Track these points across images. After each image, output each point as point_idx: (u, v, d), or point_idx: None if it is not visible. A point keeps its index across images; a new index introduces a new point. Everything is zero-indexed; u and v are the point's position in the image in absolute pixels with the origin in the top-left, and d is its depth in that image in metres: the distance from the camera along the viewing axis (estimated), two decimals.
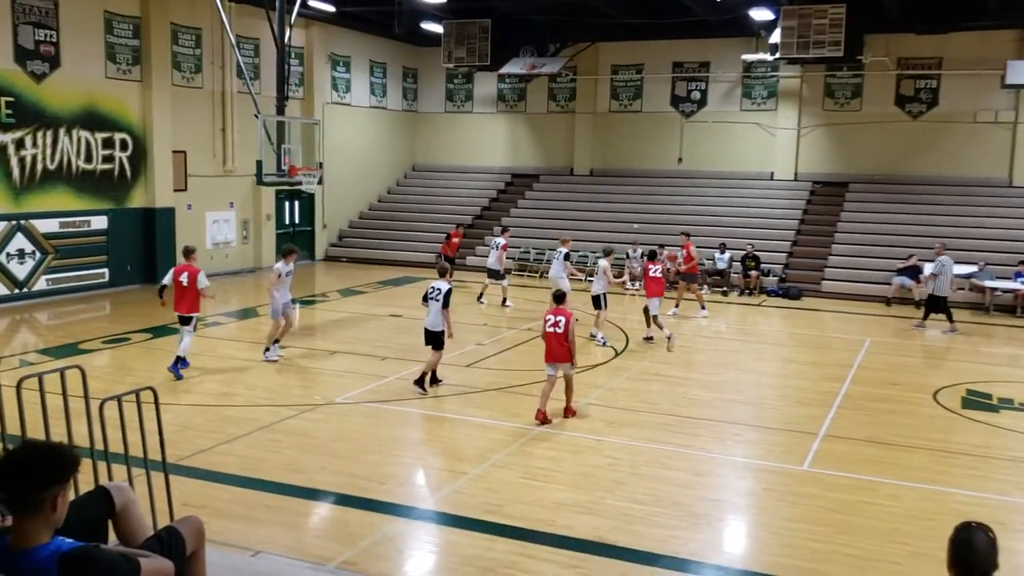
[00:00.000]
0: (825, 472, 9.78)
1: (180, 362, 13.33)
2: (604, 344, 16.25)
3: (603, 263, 16.69)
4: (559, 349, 11.31)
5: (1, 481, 3.45)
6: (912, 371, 15.51)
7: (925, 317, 19.38)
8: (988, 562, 3.53)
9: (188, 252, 13.87)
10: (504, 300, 20.34)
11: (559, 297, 11.71)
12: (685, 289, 20.18)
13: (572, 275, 18.69)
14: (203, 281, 13.42)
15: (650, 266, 17.24)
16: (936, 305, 19.08)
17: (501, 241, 20.94)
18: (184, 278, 13.35)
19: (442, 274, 13.05)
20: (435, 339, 12.72)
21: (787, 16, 22.87)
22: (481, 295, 20.87)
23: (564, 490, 8.95)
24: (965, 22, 24.42)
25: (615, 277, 17.42)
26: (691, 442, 10.77)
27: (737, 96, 28.54)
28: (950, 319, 18.95)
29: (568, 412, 11.60)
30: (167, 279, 13.66)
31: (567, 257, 18.56)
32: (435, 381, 12.99)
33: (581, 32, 28.51)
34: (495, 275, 20.66)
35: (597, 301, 16.69)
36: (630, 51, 29.37)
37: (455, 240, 23.67)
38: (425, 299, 12.80)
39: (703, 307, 20.13)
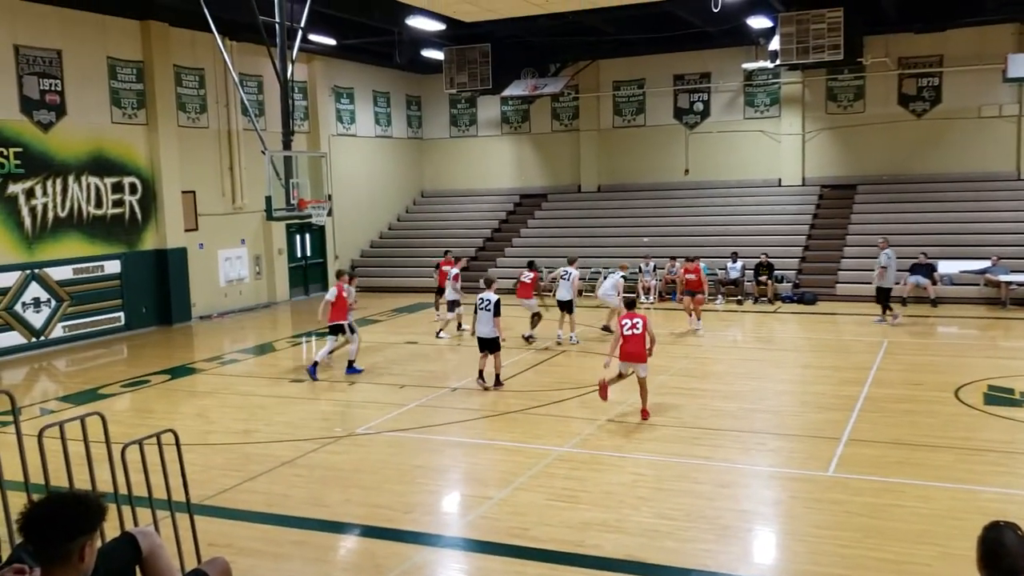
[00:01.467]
0: (850, 476, 9.71)
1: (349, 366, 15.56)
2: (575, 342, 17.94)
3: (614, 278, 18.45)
4: (638, 349, 12.07)
5: (28, 532, 3.45)
6: (932, 370, 15.41)
7: (885, 311, 19.83)
8: (1019, 560, 3.50)
9: (340, 274, 16.58)
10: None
11: (631, 303, 13.07)
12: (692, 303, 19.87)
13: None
14: (351, 296, 15.86)
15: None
16: (883, 296, 19.73)
17: (574, 272, 19.32)
18: (342, 293, 15.53)
19: (489, 285, 14.85)
20: (492, 344, 14.34)
21: (785, 23, 22.91)
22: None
23: (590, 509, 8.92)
24: (963, 18, 24.42)
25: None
26: (714, 453, 10.72)
27: (740, 105, 28.57)
28: (886, 311, 19.74)
29: (645, 414, 12.15)
30: (331, 295, 15.70)
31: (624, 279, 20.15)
32: (499, 383, 14.40)
33: (581, 51, 28.65)
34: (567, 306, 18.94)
35: (569, 306, 18.31)
36: (630, 67, 29.47)
37: (445, 269, 20.69)
38: (475, 309, 14.55)
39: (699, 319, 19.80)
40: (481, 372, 14.52)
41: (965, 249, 23.27)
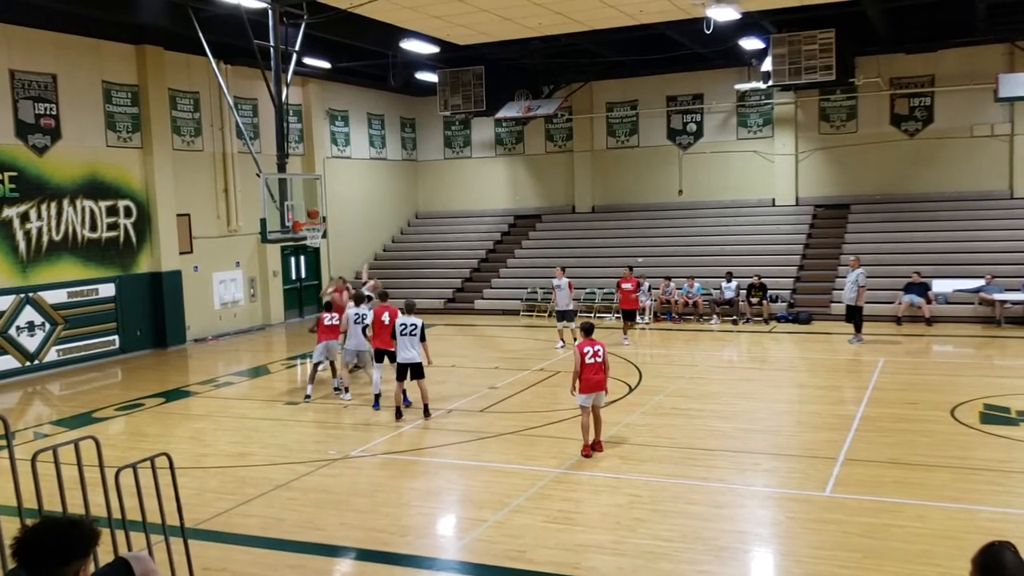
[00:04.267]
0: (848, 496, 9.69)
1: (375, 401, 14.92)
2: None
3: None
4: (600, 377, 11.71)
5: (22, 558, 3.43)
6: (928, 389, 15.41)
7: (858, 330, 19.90)
8: None
9: (384, 296, 16.19)
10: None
11: (590, 329, 12.10)
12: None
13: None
14: (385, 319, 14.92)
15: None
16: (856, 315, 19.83)
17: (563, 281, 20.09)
18: (386, 317, 14.83)
19: (410, 310, 14.12)
20: (418, 370, 13.90)
21: (777, 44, 23.07)
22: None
23: (586, 531, 8.88)
24: (954, 38, 24.62)
25: None
26: (710, 474, 10.69)
27: (733, 125, 28.71)
28: (859, 329, 19.85)
29: (599, 446, 11.83)
30: (369, 318, 15.29)
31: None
32: (428, 413, 13.96)
33: (574, 73, 28.81)
34: (567, 316, 20.05)
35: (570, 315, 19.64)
36: (623, 88, 29.63)
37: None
38: (393, 335, 13.97)
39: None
40: (399, 407, 13.94)
41: (959, 268, 23.33)
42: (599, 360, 11.57)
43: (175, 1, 19.30)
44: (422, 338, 13.84)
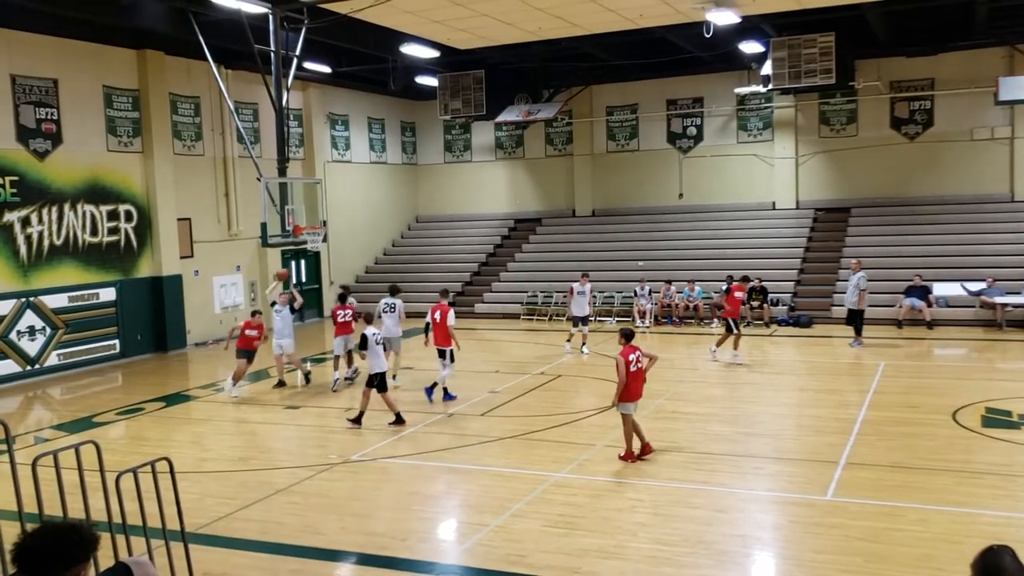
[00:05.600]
0: (849, 500, 9.68)
1: (445, 393, 15.36)
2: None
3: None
4: (641, 385, 11.61)
5: (22, 563, 3.42)
6: (929, 392, 15.39)
7: (858, 333, 19.95)
8: None
9: (444, 293, 16.76)
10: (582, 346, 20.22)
11: (630, 335, 11.82)
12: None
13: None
14: (451, 319, 15.32)
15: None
16: (857, 318, 19.90)
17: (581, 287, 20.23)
18: (438, 315, 15.29)
19: (370, 320, 14.58)
20: (383, 380, 13.89)
21: (777, 47, 23.10)
22: (582, 344, 20.22)
23: (587, 536, 8.87)
24: (954, 42, 24.66)
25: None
26: (712, 478, 10.68)
27: (733, 129, 28.72)
28: (859, 332, 19.91)
29: (648, 448, 11.63)
30: (427, 317, 15.70)
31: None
32: (401, 420, 13.81)
33: (574, 77, 28.83)
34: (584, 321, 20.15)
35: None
36: (623, 92, 29.64)
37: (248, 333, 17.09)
38: (363, 346, 13.82)
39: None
40: (362, 414, 13.79)
41: (960, 271, 23.32)
42: (641, 367, 11.44)
43: (176, 6, 19.32)
44: (386, 347, 14.27)
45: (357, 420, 13.75)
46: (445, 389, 15.54)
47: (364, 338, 13.78)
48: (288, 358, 17.52)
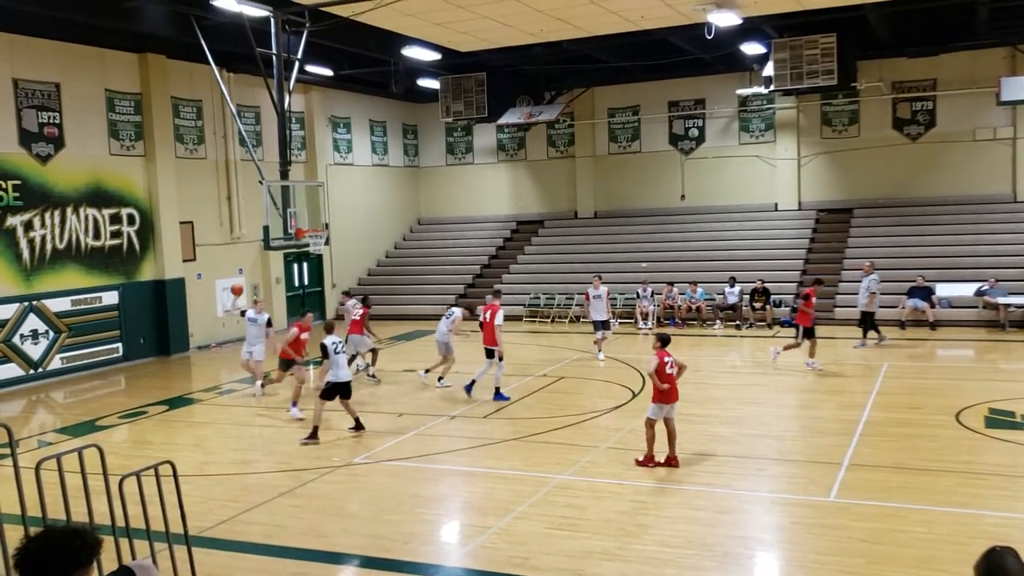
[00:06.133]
0: (852, 502, 9.67)
1: (497, 392, 15.47)
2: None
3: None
4: (675, 388, 11.36)
5: (24, 568, 3.43)
6: (932, 393, 15.37)
7: (865, 335, 20.01)
8: None
9: (497, 293, 17.11)
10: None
11: (667, 340, 11.78)
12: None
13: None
14: (499, 319, 15.52)
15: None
16: (868, 320, 19.92)
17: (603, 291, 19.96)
18: (488, 315, 15.56)
19: (331, 330, 13.72)
20: (348, 389, 13.53)
21: (778, 48, 23.09)
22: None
23: (590, 538, 8.86)
24: (956, 42, 24.64)
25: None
26: (715, 480, 10.67)
27: (735, 130, 28.71)
28: (866, 334, 19.93)
29: (675, 461, 11.22)
30: (480, 316, 15.99)
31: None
32: (360, 426, 13.53)
33: (575, 79, 28.84)
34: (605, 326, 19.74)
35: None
36: (625, 93, 29.64)
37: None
38: (325, 356, 13.31)
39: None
40: (316, 429, 13.18)
41: (962, 272, 23.30)
42: (674, 372, 11.28)
43: (178, 10, 19.35)
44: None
45: (313, 435, 13.11)
46: (497, 389, 15.57)
47: (324, 347, 13.28)
48: (253, 365, 17.16)
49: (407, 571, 8.35)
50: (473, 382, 15.87)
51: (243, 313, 17.81)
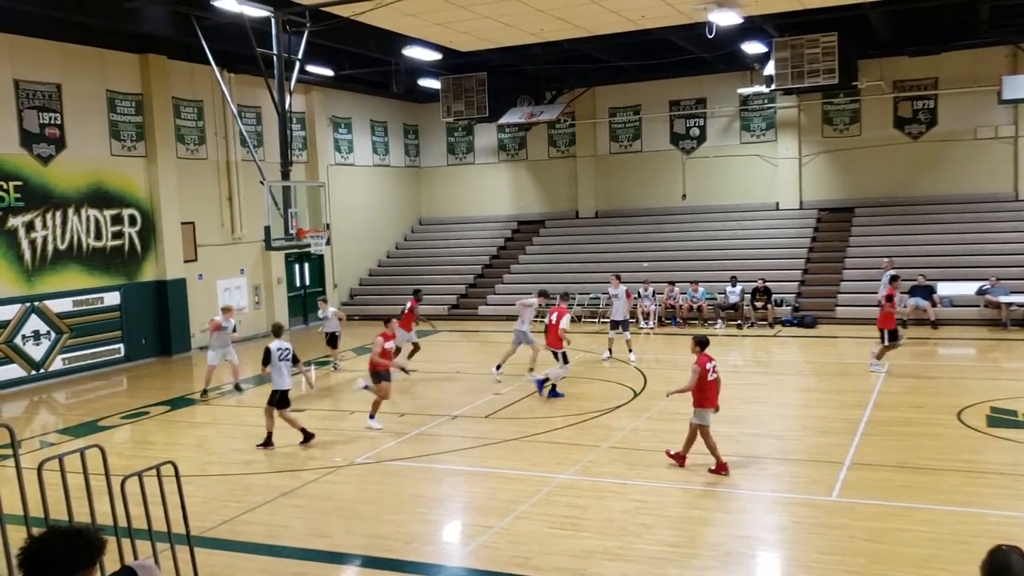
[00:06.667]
0: (855, 501, 9.66)
1: (552, 390, 15.47)
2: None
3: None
4: (716, 395, 11.03)
5: (28, 568, 3.43)
6: (934, 392, 15.36)
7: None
8: None
9: (564, 296, 17.54)
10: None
11: (705, 342, 11.29)
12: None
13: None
14: (564, 323, 15.72)
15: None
16: None
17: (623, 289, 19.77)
18: (554, 317, 15.77)
19: (279, 333, 13.61)
20: (286, 399, 13.07)
21: (779, 48, 23.08)
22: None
23: (592, 537, 8.86)
24: (957, 41, 24.62)
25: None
26: (717, 479, 10.66)
27: (736, 130, 28.70)
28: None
29: (724, 468, 10.79)
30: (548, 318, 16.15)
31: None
32: (310, 435, 13.07)
33: (576, 78, 28.83)
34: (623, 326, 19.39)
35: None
36: (626, 93, 29.64)
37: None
38: (267, 362, 13.05)
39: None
40: (271, 434, 12.88)
41: (964, 270, 23.29)
42: (718, 375, 10.96)
43: (178, 10, 19.35)
44: (295, 362, 13.24)
45: (267, 443, 12.83)
46: (554, 386, 15.56)
47: (268, 352, 13.07)
48: (211, 370, 17.19)
49: (409, 571, 8.34)
50: (547, 379, 15.69)
51: (235, 330, 17.84)
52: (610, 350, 19.43)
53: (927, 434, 12.38)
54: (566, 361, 15.87)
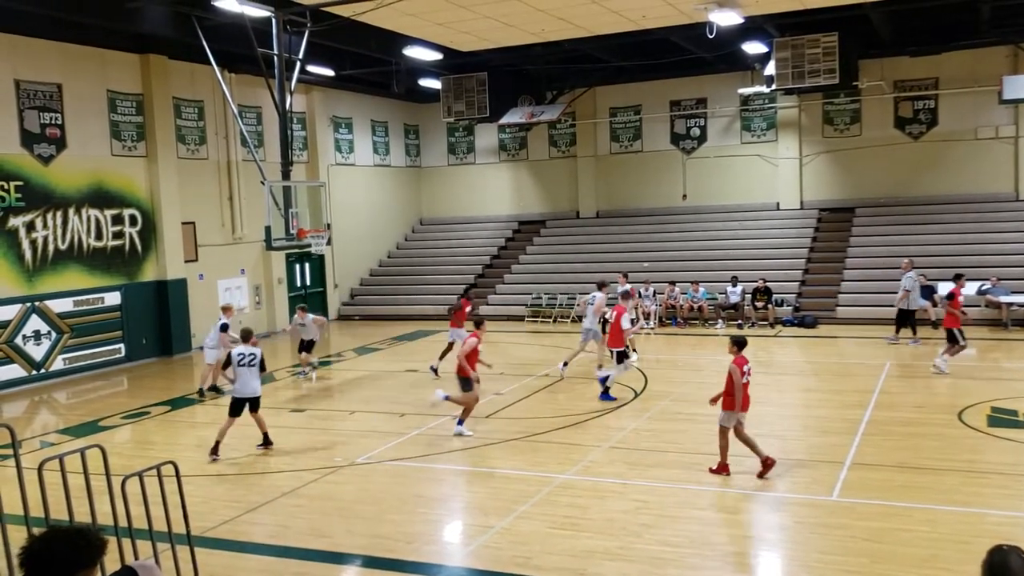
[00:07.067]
0: (855, 501, 9.66)
1: (605, 392, 15.05)
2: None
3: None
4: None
5: (29, 567, 3.43)
6: (935, 392, 15.36)
7: (915, 332, 20.06)
8: None
9: (625, 296, 16.99)
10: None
11: (743, 343, 11.32)
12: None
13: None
14: (624, 322, 15.30)
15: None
16: (908, 319, 20.00)
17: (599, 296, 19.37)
18: (613, 315, 15.47)
19: (248, 338, 13.04)
20: (256, 403, 12.83)
21: (780, 48, 23.08)
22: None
23: (593, 537, 8.86)
24: (957, 41, 24.62)
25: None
26: (717, 479, 10.66)
27: (736, 130, 28.70)
28: (899, 331, 19.96)
29: (771, 462, 10.71)
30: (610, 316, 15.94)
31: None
32: (269, 442, 12.85)
33: (577, 78, 28.84)
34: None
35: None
36: (627, 93, 29.64)
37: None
38: (227, 365, 12.95)
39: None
40: (219, 443, 12.47)
41: (964, 270, 23.18)
42: (750, 378, 10.93)
43: (179, 10, 19.35)
44: (263, 368, 12.86)
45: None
46: (607, 388, 15.17)
47: (229, 357, 12.97)
48: (210, 368, 17.20)
49: (410, 571, 8.34)
50: (608, 378, 15.32)
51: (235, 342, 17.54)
52: (634, 349, 19.20)
53: (928, 434, 12.38)
54: (620, 361, 15.34)
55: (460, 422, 13.12)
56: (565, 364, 17.30)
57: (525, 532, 9.09)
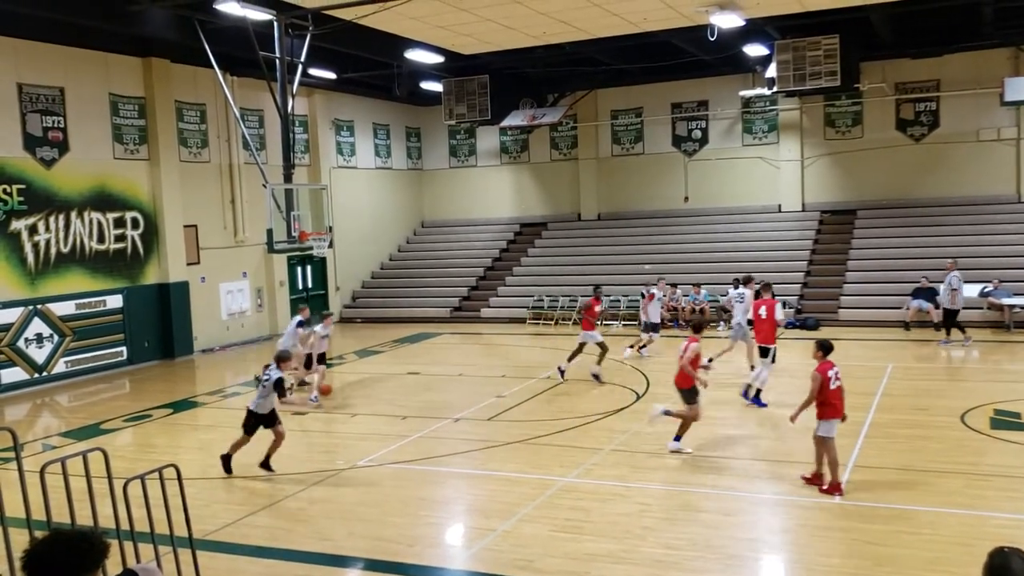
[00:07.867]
0: (858, 504, 9.64)
1: (755, 397, 14.41)
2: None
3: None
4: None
5: (31, 571, 3.43)
6: (938, 394, 15.34)
7: (948, 333, 20.03)
8: None
9: (767, 287, 15.35)
10: (638, 347, 19.86)
11: (829, 347, 10.68)
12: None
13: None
14: (779, 313, 14.65)
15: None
16: (953, 318, 19.98)
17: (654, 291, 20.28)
18: (763, 311, 14.40)
19: (280, 362, 12.09)
20: (271, 419, 11.83)
21: (781, 50, 23.07)
22: (636, 346, 20.00)
23: (595, 540, 8.85)
24: (959, 43, 24.61)
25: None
26: (719, 481, 10.66)
27: (738, 132, 28.70)
28: (949, 332, 20.00)
29: (837, 487, 10.00)
30: (750, 313, 14.89)
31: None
32: (269, 467, 11.84)
33: (578, 81, 28.85)
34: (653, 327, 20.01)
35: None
36: (628, 95, 29.64)
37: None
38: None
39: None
40: (230, 457, 11.76)
41: (966, 272, 23.18)
42: (841, 382, 10.24)
43: (181, 14, 19.38)
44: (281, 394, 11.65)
45: (227, 459, 11.81)
46: (758, 392, 14.61)
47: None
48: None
49: (412, 574, 8.34)
50: (750, 386, 14.78)
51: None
52: (639, 349, 19.82)
53: (931, 436, 12.36)
54: (773, 360, 14.74)
55: (677, 438, 11.98)
56: (710, 360, 15.79)
57: (527, 535, 9.08)
